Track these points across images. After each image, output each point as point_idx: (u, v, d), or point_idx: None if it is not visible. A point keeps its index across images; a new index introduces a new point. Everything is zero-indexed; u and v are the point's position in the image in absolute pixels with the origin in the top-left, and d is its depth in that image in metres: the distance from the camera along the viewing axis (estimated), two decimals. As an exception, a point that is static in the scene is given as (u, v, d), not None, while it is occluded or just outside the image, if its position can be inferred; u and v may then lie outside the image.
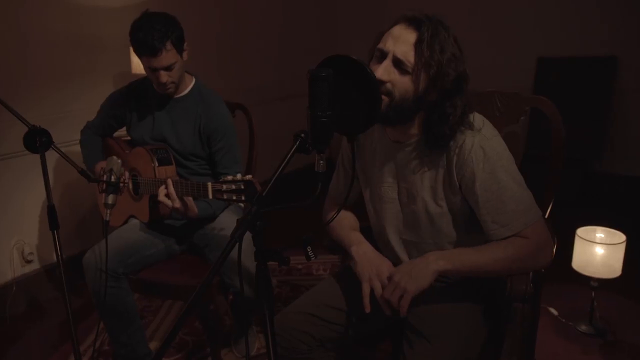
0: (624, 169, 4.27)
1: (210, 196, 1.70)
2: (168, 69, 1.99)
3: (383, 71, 1.33)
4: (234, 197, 1.56)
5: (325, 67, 1.06)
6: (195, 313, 2.47)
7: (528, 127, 3.92)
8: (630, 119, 4.20)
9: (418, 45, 1.32)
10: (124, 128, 2.30)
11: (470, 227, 1.48)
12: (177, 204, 1.82)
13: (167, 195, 1.84)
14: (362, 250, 1.55)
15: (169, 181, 1.81)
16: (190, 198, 1.84)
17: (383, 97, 1.33)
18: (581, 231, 2.20)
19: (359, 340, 1.64)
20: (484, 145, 1.36)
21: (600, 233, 2.20)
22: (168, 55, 1.96)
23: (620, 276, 2.11)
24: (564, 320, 2.28)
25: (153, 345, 2.43)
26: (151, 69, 1.99)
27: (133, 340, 2.09)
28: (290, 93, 4.56)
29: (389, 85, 1.34)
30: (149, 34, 1.92)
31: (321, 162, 1.08)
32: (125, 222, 2.20)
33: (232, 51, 4.16)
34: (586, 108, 4.06)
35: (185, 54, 2.07)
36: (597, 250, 2.13)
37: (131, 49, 2.98)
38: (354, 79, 1.10)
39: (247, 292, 2.05)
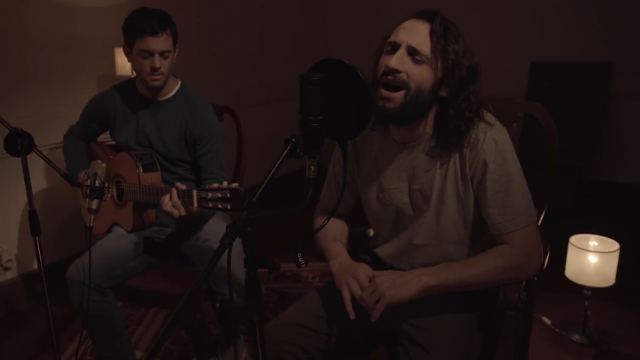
0: (618, 176, 4.28)
1: (195, 204, 1.65)
2: (163, 55, 1.97)
3: (397, 60, 1.33)
4: (220, 206, 1.52)
5: (317, 71, 1.05)
6: (182, 322, 2.42)
7: (521, 133, 3.92)
8: (625, 125, 4.21)
9: (433, 34, 1.33)
10: (108, 132, 2.24)
11: (475, 235, 1.47)
12: (183, 213, 1.77)
13: (173, 205, 1.78)
14: (338, 263, 1.52)
15: (173, 190, 1.75)
16: (195, 206, 1.78)
17: (396, 94, 1.33)
18: (574, 239, 2.18)
19: (347, 349, 1.60)
20: (496, 138, 1.37)
21: (593, 241, 2.18)
22: (166, 40, 1.97)
23: (614, 285, 2.09)
24: (557, 329, 2.26)
25: (137, 355, 2.37)
26: (147, 53, 1.95)
27: (121, 353, 2.04)
28: (279, 97, 4.54)
29: (403, 75, 1.33)
30: (150, 17, 1.93)
31: (312, 168, 1.07)
32: (109, 229, 2.14)
33: (219, 54, 4.13)
34: (580, 114, 4.06)
35: (175, 55, 2.04)
36: (591, 258, 2.10)
37: (116, 50, 2.97)
38: (346, 83, 1.09)
39: (235, 299, 2.00)
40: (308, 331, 1.53)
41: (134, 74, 2.26)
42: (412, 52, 1.33)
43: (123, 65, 2.96)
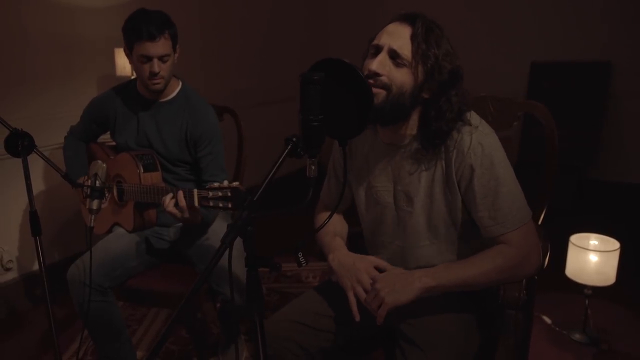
0: (618, 176, 4.29)
1: (196, 203, 1.65)
2: (162, 59, 1.96)
3: (378, 64, 1.34)
4: (220, 205, 1.52)
5: (317, 70, 1.05)
6: (182, 321, 2.42)
7: (521, 133, 3.93)
8: (625, 125, 4.22)
9: (414, 38, 1.33)
10: (109, 133, 2.24)
11: (467, 233, 1.46)
12: (187, 215, 1.77)
13: (177, 207, 1.77)
14: (337, 259, 1.52)
15: (180, 194, 1.75)
16: (197, 207, 1.78)
17: (379, 90, 1.33)
18: (575, 238, 2.18)
19: (348, 349, 1.60)
20: (482, 141, 1.36)
21: (594, 240, 2.18)
22: (165, 44, 1.95)
23: (614, 284, 2.10)
24: (557, 328, 2.26)
25: (138, 355, 2.37)
26: (145, 58, 1.94)
27: (122, 353, 2.04)
28: (280, 97, 4.54)
29: (384, 78, 1.34)
30: (148, 20, 1.91)
31: (312, 167, 1.07)
32: (110, 230, 2.14)
33: (220, 54, 4.13)
34: (580, 114, 4.07)
35: (176, 56, 2.04)
36: (591, 257, 2.11)
37: (116, 51, 2.97)
38: (346, 83, 1.11)
39: (236, 299, 2.00)
40: (305, 327, 1.53)
41: (135, 74, 2.26)
42: (394, 55, 1.34)
43: (123, 65, 2.96)
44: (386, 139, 1.49)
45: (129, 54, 2.01)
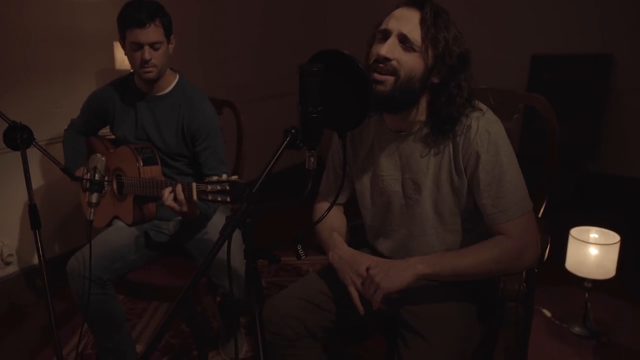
0: (618, 169, 4.28)
1: (195, 197, 1.65)
2: (153, 46, 1.94)
3: (388, 48, 1.33)
4: (219, 198, 1.52)
5: (316, 62, 1.05)
6: (182, 315, 2.42)
7: (521, 126, 3.92)
8: (625, 118, 4.20)
9: (423, 22, 1.33)
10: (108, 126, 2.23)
11: (472, 221, 1.47)
12: (186, 209, 1.77)
13: (176, 200, 1.76)
14: (337, 256, 1.53)
15: (179, 187, 1.75)
16: (196, 200, 1.78)
17: (387, 77, 1.33)
18: (575, 231, 2.17)
19: (345, 338, 1.61)
20: (489, 129, 1.37)
21: (594, 233, 2.17)
22: (156, 31, 1.93)
23: (615, 277, 2.09)
24: (557, 321, 2.26)
25: (138, 348, 2.38)
26: (136, 45, 1.93)
27: (121, 346, 2.04)
28: (280, 91, 4.52)
29: (394, 62, 1.33)
30: (138, 8, 1.90)
31: (312, 159, 1.07)
32: (109, 223, 2.14)
33: (219, 47, 4.12)
34: (581, 107, 4.06)
35: (171, 47, 2.02)
36: (591, 250, 2.10)
37: (115, 44, 2.96)
38: (345, 74, 1.11)
39: (235, 292, 2.00)
40: (311, 305, 1.55)
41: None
42: (403, 39, 1.33)
43: (122, 59, 2.95)
44: (393, 127, 1.49)
45: (123, 45, 2.00)
